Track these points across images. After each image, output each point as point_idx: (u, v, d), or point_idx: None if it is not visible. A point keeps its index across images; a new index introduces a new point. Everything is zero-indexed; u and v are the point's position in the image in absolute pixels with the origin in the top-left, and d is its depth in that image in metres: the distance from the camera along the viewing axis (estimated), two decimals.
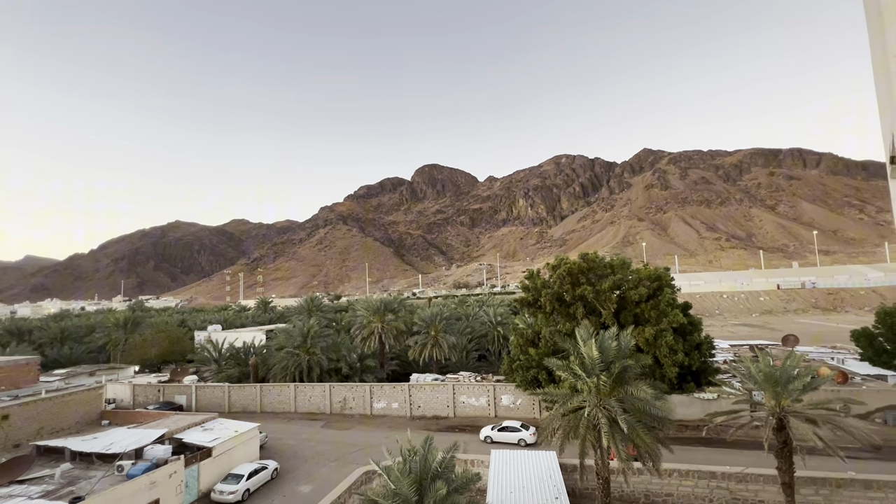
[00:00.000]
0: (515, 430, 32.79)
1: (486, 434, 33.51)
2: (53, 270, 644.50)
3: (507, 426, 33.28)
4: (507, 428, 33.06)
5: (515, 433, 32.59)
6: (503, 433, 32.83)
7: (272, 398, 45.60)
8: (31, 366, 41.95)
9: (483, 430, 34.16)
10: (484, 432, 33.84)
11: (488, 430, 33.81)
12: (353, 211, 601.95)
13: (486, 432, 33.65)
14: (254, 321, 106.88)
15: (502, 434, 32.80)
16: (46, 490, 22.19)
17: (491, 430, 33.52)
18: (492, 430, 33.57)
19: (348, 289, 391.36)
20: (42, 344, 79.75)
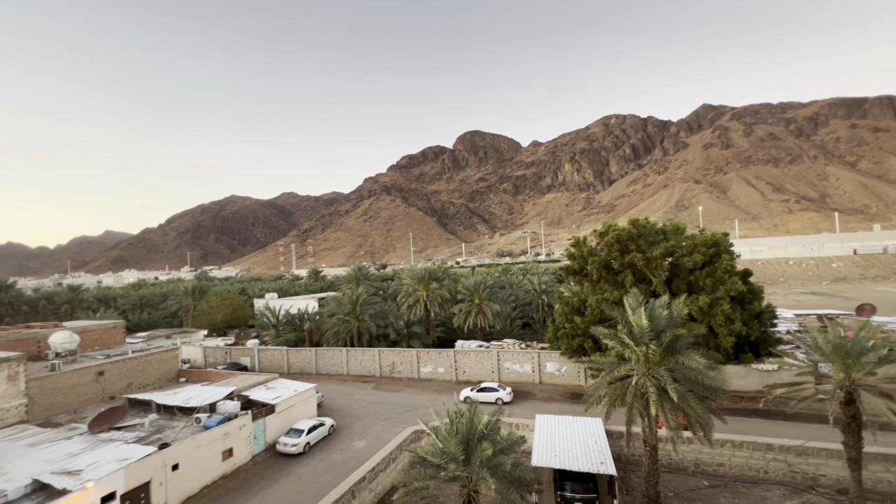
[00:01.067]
0: (493, 391, 35.47)
1: (466, 395, 35.79)
2: (129, 244, 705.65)
3: (486, 387, 35.97)
4: (485, 389, 35.84)
5: (493, 393, 35.26)
6: (482, 393, 35.38)
7: (326, 361, 48.49)
8: (118, 329, 46.93)
9: (462, 392, 36.55)
10: (463, 393, 36.22)
11: (467, 391, 36.35)
12: (395, 181, 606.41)
13: (466, 393, 36.08)
14: (306, 290, 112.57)
15: (481, 394, 35.31)
16: (139, 436, 25.25)
17: (470, 392, 36.04)
18: (471, 391, 36.14)
19: (393, 258, 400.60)
20: (125, 310, 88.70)
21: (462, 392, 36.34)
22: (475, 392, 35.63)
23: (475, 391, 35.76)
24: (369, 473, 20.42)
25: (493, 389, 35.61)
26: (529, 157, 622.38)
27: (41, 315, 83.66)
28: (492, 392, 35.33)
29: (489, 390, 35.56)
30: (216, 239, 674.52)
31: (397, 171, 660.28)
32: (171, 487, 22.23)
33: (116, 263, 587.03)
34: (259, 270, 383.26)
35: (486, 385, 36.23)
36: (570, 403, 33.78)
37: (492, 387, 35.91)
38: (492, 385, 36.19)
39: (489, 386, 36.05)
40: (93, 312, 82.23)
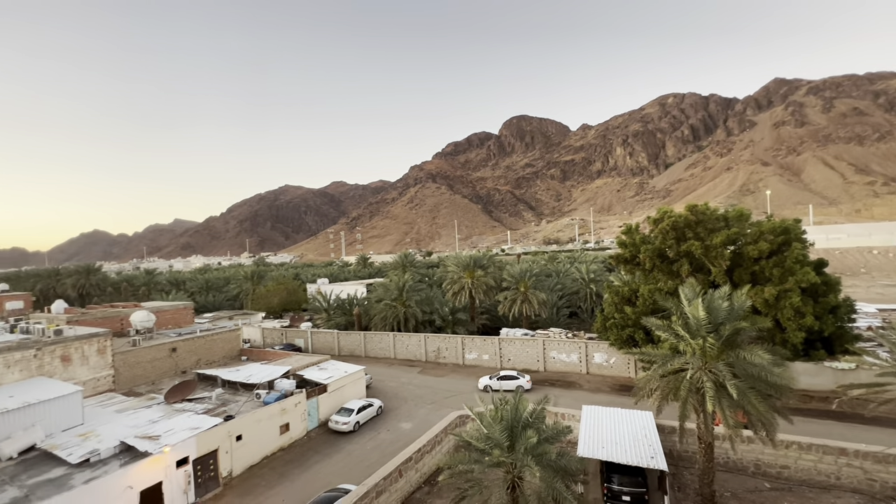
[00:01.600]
0: (513, 378, 35.54)
1: (486, 384, 35.81)
2: (195, 231, 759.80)
3: (506, 375, 35.93)
4: (505, 377, 35.75)
5: (514, 381, 35.20)
6: (503, 381, 35.25)
7: (374, 345, 50.15)
8: (187, 310, 51.03)
9: (481, 380, 36.50)
10: (482, 382, 36.21)
11: (486, 379, 36.28)
12: (441, 169, 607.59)
13: (485, 381, 36.04)
14: (355, 276, 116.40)
15: (502, 382, 35.19)
16: (207, 408, 27.52)
17: (490, 380, 35.97)
18: (490, 379, 36.13)
19: (439, 245, 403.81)
20: (193, 292, 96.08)
21: (481, 381, 36.41)
22: (495, 380, 35.63)
23: (495, 379, 35.72)
24: (415, 454, 21.06)
25: (513, 377, 35.73)
26: (578, 141, 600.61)
27: (123, 296, 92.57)
28: (512, 380, 35.39)
29: (509, 378, 35.65)
30: (272, 227, 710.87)
31: (442, 158, 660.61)
32: (235, 456, 24.12)
33: (185, 249, 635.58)
34: (311, 257, 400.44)
35: (506, 373, 36.32)
36: (619, 395, 32.87)
37: (512, 374, 36.10)
38: (511, 373, 36.37)
39: (509, 374, 36.16)
40: (166, 294, 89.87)
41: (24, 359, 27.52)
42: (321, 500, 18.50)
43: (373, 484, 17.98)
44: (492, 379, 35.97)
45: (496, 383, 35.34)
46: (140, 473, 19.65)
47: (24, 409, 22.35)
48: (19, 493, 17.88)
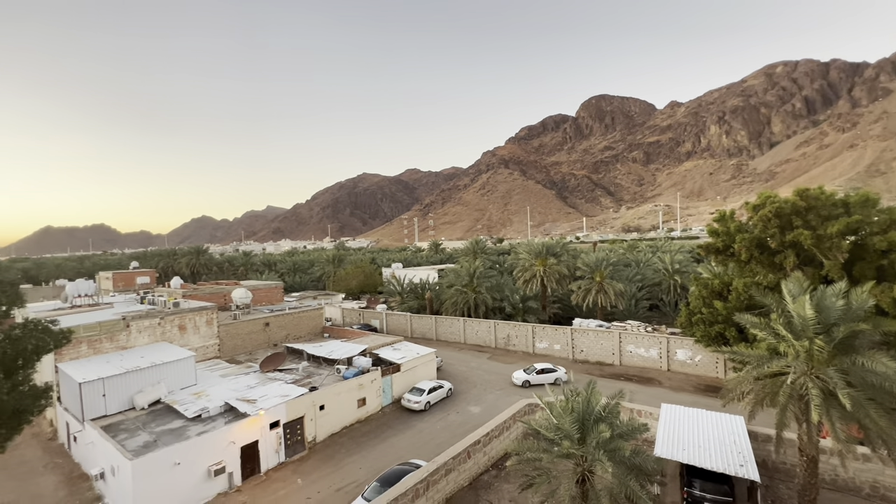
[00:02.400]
0: (552, 371, 34.47)
1: (524, 378, 34.10)
2: (284, 217, 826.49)
3: (544, 368, 34.68)
4: (544, 370, 34.52)
5: (552, 374, 34.26)
6: (542, 375, 34.02)
7: (445, 329, 51.36)
8: (278, 289, 56.07)
9: (516, 375, 34.92)
10: (519, 376, 34.58)
11: (522, 374, 34.68)
12: (513, 154, 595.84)
13: (522, 376, 34.39)
14: (427, 261, 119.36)
15: (541, 377, 33.93)
16: (295, 378, 30.25)
17: (527, 374, 34.34)
18: (526, 373, 34.58)
19: (510, 232, 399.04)
20: (282, 273, 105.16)
21: (515, 375, 34.92)
22: (534, 374, 34.23)
23: (533, 373, 34.30)
24: (484, 437, 21.42)
25: (551, 370, 34.73)
26: (665, 120, 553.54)
27: (225, 274, 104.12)
28: (551, 373, 34.44)
29: (547, 371, 34.61)
30: (350, 213, 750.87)
31: (515, 143, 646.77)
32: (318, 424, 26.32)
33: (276, 234, 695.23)
34: (386, 242, 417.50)
35: (545, 366, 35.10)
36: (704, 396, 30.47)
37: (550, 367, 35.07)
38: (549, 366, 35.32)
39: (547, 367, 35.07)
40: (259, 274, 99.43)
41: (150, 326, 32.25)
42: (394, 472, 19.61)
43: (442, 462, 18.65)
44: (529, 373, 34.53)
45: (535, 377, 34.02)
46: (241, 431, 22.27)
47: (153, 369, 26.26)
48: (150, 437, 21.21)
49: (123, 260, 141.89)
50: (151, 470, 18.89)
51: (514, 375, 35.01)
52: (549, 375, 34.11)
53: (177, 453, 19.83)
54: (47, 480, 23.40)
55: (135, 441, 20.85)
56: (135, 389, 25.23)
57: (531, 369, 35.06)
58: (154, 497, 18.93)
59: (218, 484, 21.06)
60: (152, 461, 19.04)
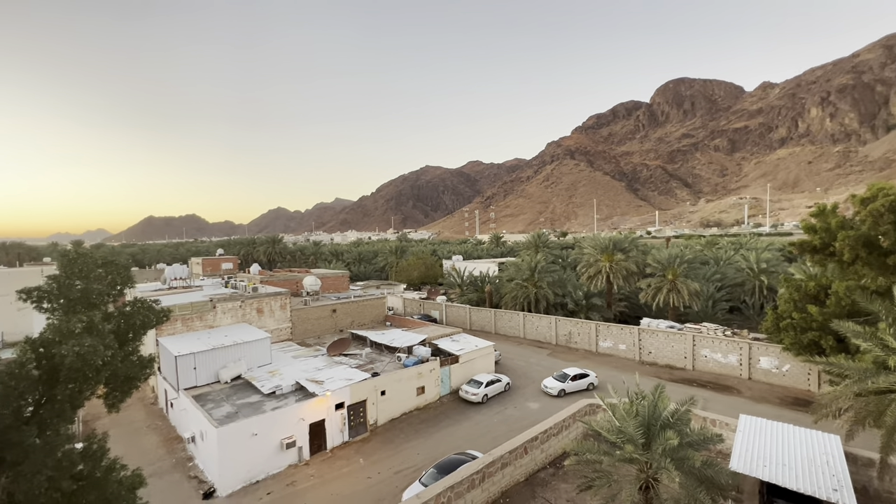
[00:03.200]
0: (583, 377, 32.21)
1: (559, 387, 31.24)
2: (351, 209, 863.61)
3: (578, 374, 32.24)
4: (578, 376, 32.13)
5: (585, 379, 32.09)
6: (574, 382, 31.64)
7: (504, 323, 51.03)
8: (344, 277, 58.97)
9: (549, 384, 31.89)
10: (553, 385, 31.57)
11: (556, 382, 31.73)
12: (580, 144, 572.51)
13: (556, 384, 31.49)
14: (488, 254, 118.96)
15: (574, 384, 31.57)
16: (358, 363, 31.76)
17: (563, 383, 31.51)
18: (557, 380, 31.90)
19: (575, 226, 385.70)
20: (348, 262, 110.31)
21: (547, 383, 31.99)
22: (569, 382, 31.48)
23: (569, 381, 31.52)
24: (542, 434, 21.10)
25: (583, 375, 32.42)
26: (755, 103, 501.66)
27: (297, 262, 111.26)
28: (583, 378, 32.18)
29: (581, 377, 32.18)
30: (413, 205, 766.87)
31: (582, 132, 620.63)
32: (380, 408, 27.46)
33: (343, 225, 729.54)
34: (447, 234, 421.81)
35: (578, 371, 32.53)
36: (791, 410, 27.58)
37: (582, 372, 32.68)
38: (581, 370, 32.93)
39: (580, 372, 32.59)
40: (328, 263, 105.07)
41: (233, 308, 35.42)
42: (450, 461, 19.98)
43: (499, 455, 18.67)
44: (564, 381, 31.61)
45: (571, 385, 31.39)
46: (309, 410, 23.86)
47: (235, 347, 28.88)
48: (232, 409, 23.42)
49: (211, 247, 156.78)
50: (233, 438, 20.88)
51: (546, 384, 31.99)
52: (583, 381, 31.95)
53: (254, 425, 21.74)
54: (150, 439, 26.75)
55: (220, 411, 23.14)
56: (220, 365, 27.92)
57: (564, 376, 32.25)
58: (235, 462, 20.93)
59: (289, 456, 22.80)
60: (234, 430, 21.04)
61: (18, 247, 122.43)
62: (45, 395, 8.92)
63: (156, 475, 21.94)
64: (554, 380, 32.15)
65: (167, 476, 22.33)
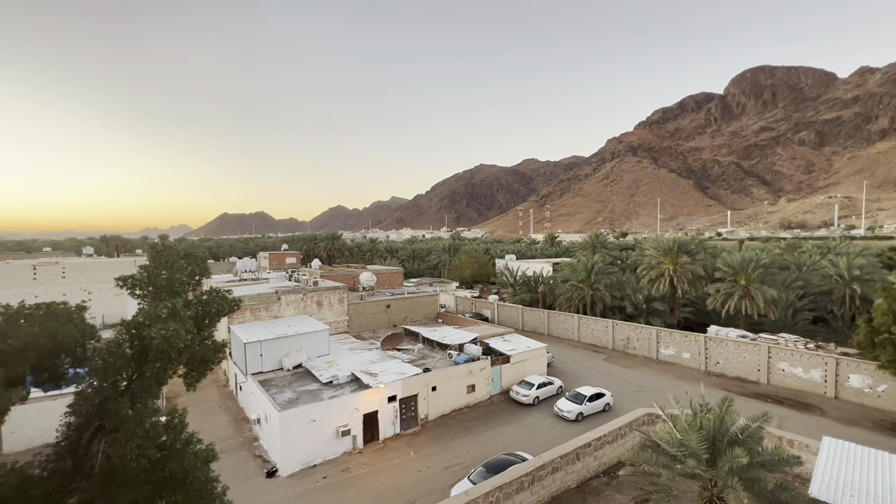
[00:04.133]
0: (601, 396, 28.86)
1: (576, 410, 27.52)
2: (406, 207, 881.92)
3: (595, 394, 28.69)
4: (595, 396, 28.61)
5: (602, 399, 28.76)
6: (593, 403, 28.23)
7: (558, 325, 49.77)
8: (398, 274, 60.39)
9: (564, 406, 28.05)
10: (568, 408, 27.75)
11: (571, 404, 27.97)
12: (644, 140, 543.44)
13: (573, 407, 27.72)
14: (542, 254, 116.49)
15: (593, 404, 28.17)
16: (411, 358, 32.43)
17: (579, 405, 27.79)
18: (578, 402, 27.99)
19: (636, 226, 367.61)
20: (403, 259, 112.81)
21: (562, 406, 28.07)
22: (587, 403, 27.80)
23: (586, 402, 27.83)
24: (595, 441, 20.38)
25: (600, 395, 28.78)
26: (851, 91, 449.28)
27: (354, 258, 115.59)
28: (600, 398, 28.62)
29: (597, 397, 28.57)
30: (467, 203, 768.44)
31: (646, 127, 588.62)
32: (430, 404, 27.88)
33: (398, 223, 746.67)
34: (500, 233, 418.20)
35: (595, 391, 28.77)
36: (887, 436, 24.51)
37: (599, 391, 28.98)
38: (598, 390, 29.14)
39: (597, 392, 28.86)
40: (383, 259, 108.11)
41: (295, 300, 37.52)
42: (500, 460, 19.86)
43: (549, 459, 18.29)
44: (580, 402, 27.90)
45: (588, 406, 27.86)
46: (364, 400, 24.76)
47: (297, 337, 30.61)
48: (293, 395, 24.87)
49: (276, 243, 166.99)
50: (294, 422, 22.18)
51: (561, 407, 28.10)
52: (600, 402, 28.53)
53: (313, 411, 22.94)
54: (221, 418, 29.09)
55: (282, 396, 24.66)
56: (283, 353, 29.72)
57: (579, 397, 28.38)
58: (295, 445, 22.22)
59: (344, 443, 23.82)
60: (295, 415, 22.34)
61: (116, 240, 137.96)
62: (136, 371, 10.01)
63: (225, 451, 23.82)
64: (569, 401, 28.35)
65: (235, 453, 24.18)
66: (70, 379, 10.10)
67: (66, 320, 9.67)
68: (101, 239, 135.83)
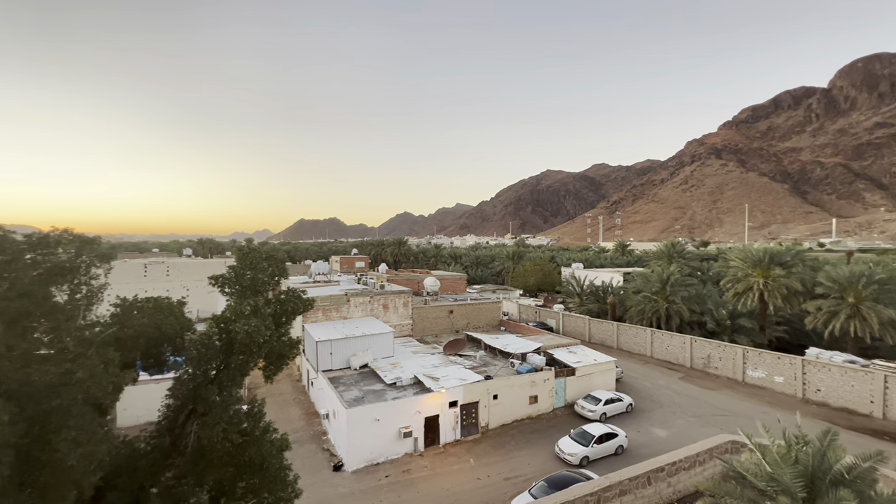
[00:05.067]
0: (612, 436, 24.42)
1: (581, 453, 23.11)
2: (470, 213, 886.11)
3: (605, 433, 24.32)
4: (605, 436, 24.18)
5: (613, 440, 24.32)
6: (602, 445, 23.86)
7: (628, 338, 47.00)
8: (462, 280, 60.76)
9: (567, 447, 23.65)
10: (572, 450, 23.38)
11: (576, 445, 23.64)
12: (729, 141, 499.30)
13: (577, 449, 23.31)
14: (612, 263, 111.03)
15: (601, 447, 23.82)
16: (472, 365, 32.38)
17: (585, 446, 23.47)
18: (583, 443, 23.68)
19: (719, 234, 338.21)
20: (466, 266, 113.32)
21: (564, 446, 23.78)
22: (594, 445, 23.47)
23: (594, 444, 23.49)
24: (669, 466, 18.87)
25: (611, 435, 24.44)
26: None
27: (419, 264, 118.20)
28: (611, 439, 24.29)
29: (608, 437, 24.22)
30: (532, 210, 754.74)
31: (733, 127, 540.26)
32: (491, 412, 27.60)
33: (462, 229, 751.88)
34: (567, 241, 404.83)
35: (606, 430, 24.56)
36: None
37: (610, 431, 24.66)
38: (609, 428, 24.86)
39: (608, 431, 24.55)
40: (447, 265, 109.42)
41: (363, 302, 39.16)
42: (563, 476, 19.12)
43: (617, 480, 17.25)
44: (587, 443, 23.52)
45: (596, 450, 23.48)
46: (426, 404, 25.13)
47: (364, 338, 31.91)
48: (359, 394, 25.92)
49: (347, 247, 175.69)
50: (359, 419, 23.08)
51: (563, 447, 23.75)
52: (611, 444, 24.17)
53: (377, 411, 23.71)
54: (294, 411, 31.04)
55: (349, 394, 25.78)
56: (350, 352, 31.10)
57: (585, 436, 24.00)
58: (361, 442, 23.10)
59: (406, 445, 24.31)
60: (361, 413, 23.25)
61: (210, 242, 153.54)
62: (223, 362, 11.03)
63: (297, 443, 25.35)
64: (573, 441, 23.96)
65: (305, 445, 25.65)
66: (170, 365, 11.39)
67: (168, 313, 10.93)
68: (198, 242, 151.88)
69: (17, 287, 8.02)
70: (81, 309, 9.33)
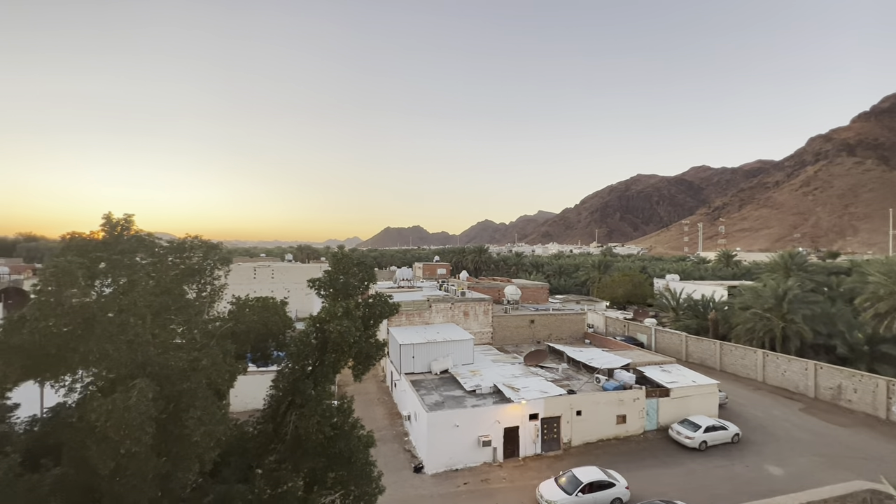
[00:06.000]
0: (607, 486, 20.54)
1: (564, 501, 19.83)
2: (553, 221, 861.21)
3: (595, 482, 20.50)
4: (595, 485, 20.36)
5: (607, 490, 20.39)
6: (589, 495, 20.02)
7: (734, 360, 41.99)
8: (543, 290, 59.19)
9: (549, 493, 20.39)
10: (557, 497, 20.04)
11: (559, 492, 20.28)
12: (865, 135, 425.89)
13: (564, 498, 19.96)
14: (713, 274, 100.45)
15: (589, 497, 19.99)
16: (554, 378, 31.25)
17: (570, 495, 19.96)
18: (568, 491, 20.17)
19: (852, 244, 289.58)
20: (548, 275, 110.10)
21: (546, 492, 20.49)
22: (579, 495, 19.82)
23: (578, 493, 19.88)
24: None
25: (606, 484, 20.53)
26: None
27: (500, 272, 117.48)
28: (605, 489, 20.38)
29: (599, 488, 20.32)
30: (621, 217, 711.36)
31: (870, 119, 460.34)
32: (574, 428, 26.36)
33: (544, 237, 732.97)
34: (660, 250, 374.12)
35: (596, 479, 20.60)
36: None
37: (604, 480, 20.69)
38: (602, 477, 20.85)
39: (600, 479, 20.62)
40: (528, 274, 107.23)
41: (444, 309, 39.91)
42: None
43: None
44: (572, 491, 20.06)
45: (582, 499, 19.85)
46: (505, 414, 24.80)
47: (445, 343, 32.50)
48: (440, 398, 26.39)
49: (429, 254, 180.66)
50: (440, 424, 23.48)
51: (544, 493, 20.54)
52: (604, 494, 20.31)
53: (457, 417, 23.94)
54: (378, 410, 32.53)
55: (430, 398, 26.37)
56: (432, 357, 31.83)
57: (573, 483, 20.52)
58: (440, 446, 23.47)
59: (484, 454, 24.18)
60: (441, 417, 23.65)
61: (307, 248, 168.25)
62: (318, 359, 11.99)
63: (380, 441, 26.42)
64: (558, 488, 20.64)
65: (388, 444, 26.70)
66: (274, 359, 12.66)
67: (273, 312, 12.18)
68: (298, 248, 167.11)
69: (161, 285, 9.56)
70: (206, 305, 10.83)
